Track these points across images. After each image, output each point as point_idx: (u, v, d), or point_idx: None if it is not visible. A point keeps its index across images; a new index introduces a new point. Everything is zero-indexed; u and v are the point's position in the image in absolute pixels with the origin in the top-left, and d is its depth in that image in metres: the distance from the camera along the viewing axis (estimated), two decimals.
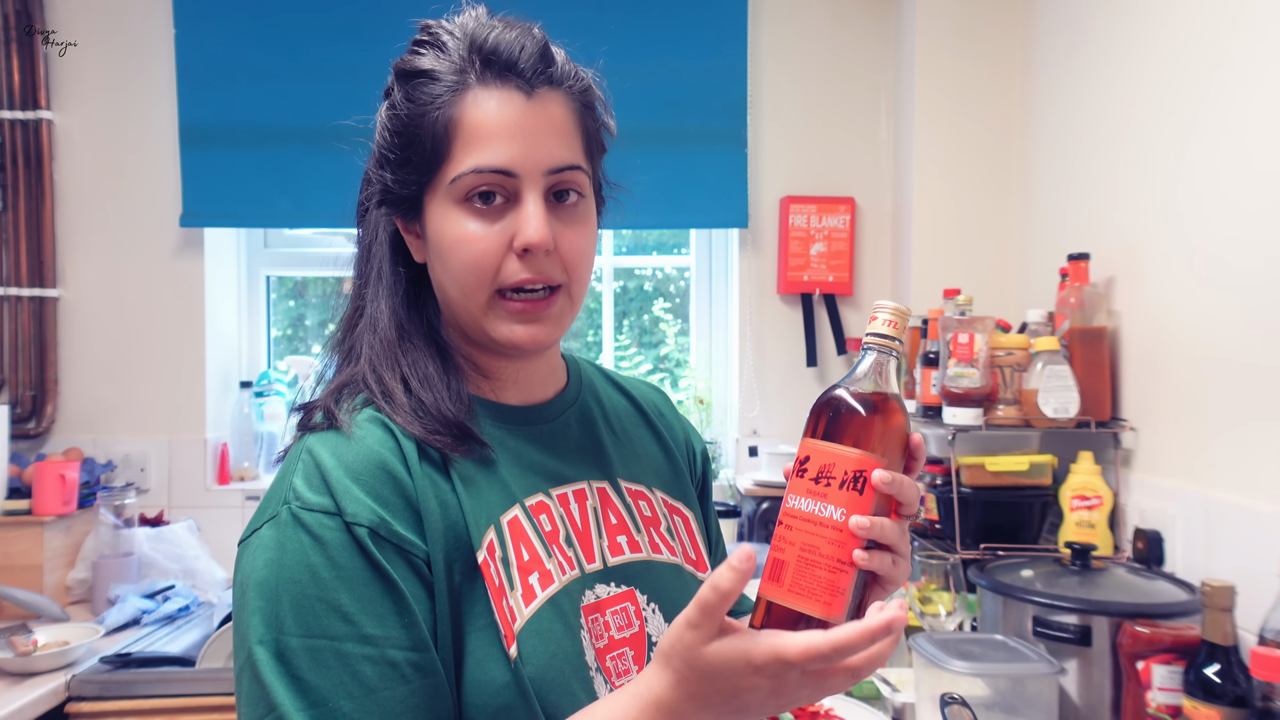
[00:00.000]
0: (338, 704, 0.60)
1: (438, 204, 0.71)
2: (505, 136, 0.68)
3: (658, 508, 0.82)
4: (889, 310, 0.63)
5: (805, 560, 0.60)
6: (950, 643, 1.31)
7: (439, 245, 0.71)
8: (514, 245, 0.69)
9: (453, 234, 0.70)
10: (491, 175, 0.68)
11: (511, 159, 0.68)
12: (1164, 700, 1.17)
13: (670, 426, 0.90)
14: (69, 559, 2.01)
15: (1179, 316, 1.48)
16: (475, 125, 0.68)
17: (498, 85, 0.69)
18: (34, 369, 2.22)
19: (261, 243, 2.48)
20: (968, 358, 1.63)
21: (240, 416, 2.38)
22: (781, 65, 2.33)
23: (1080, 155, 1.83)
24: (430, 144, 0.69)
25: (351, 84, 2.20)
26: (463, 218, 0.69)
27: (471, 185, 0.69)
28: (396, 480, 0.66)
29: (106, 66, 2.25)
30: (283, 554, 0.63)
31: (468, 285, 0.70)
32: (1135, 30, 1.63)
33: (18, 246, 2.21)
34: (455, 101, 0.69)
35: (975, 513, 1.66)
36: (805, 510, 0.61)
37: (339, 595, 0.61)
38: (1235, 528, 1.31)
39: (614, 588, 0.74)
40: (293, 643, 0.61)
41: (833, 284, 2.31)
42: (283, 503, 0.65)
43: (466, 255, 0.69)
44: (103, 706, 1.59)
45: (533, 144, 0.68)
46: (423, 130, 0.69)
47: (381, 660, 0.61)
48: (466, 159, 0.68)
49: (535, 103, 0.69)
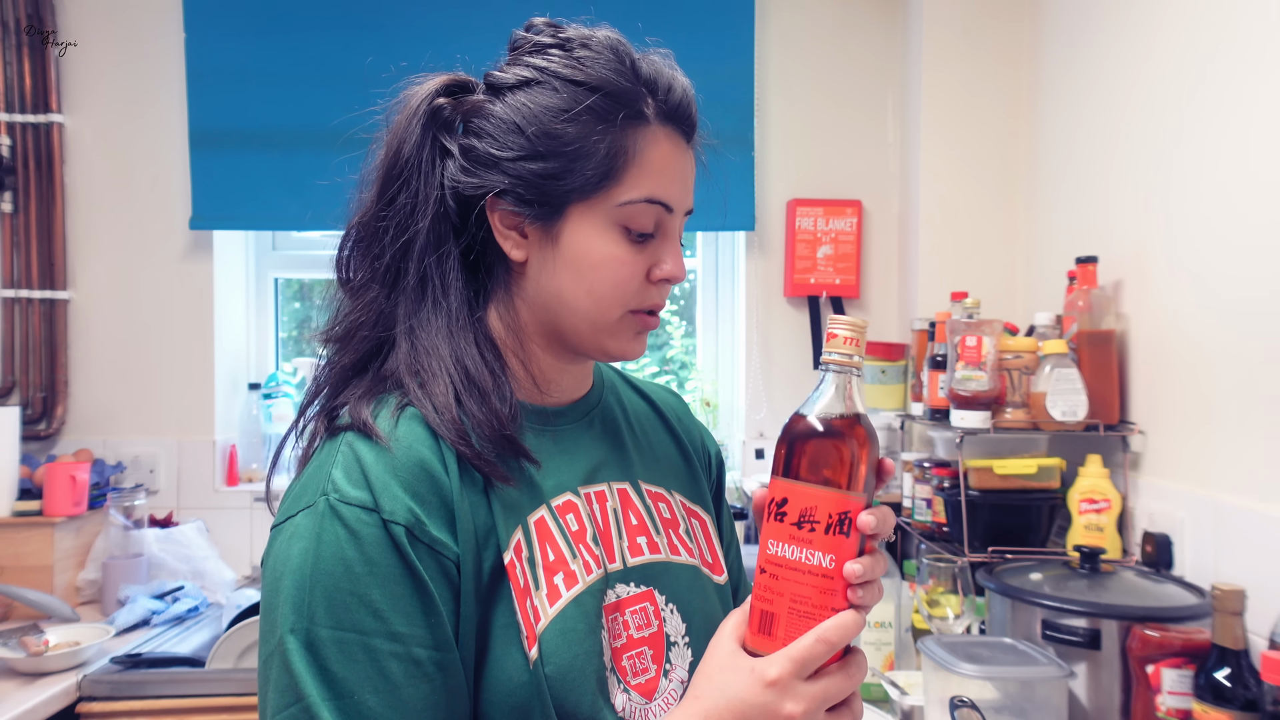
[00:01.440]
0: (363, 697, 0.61)
1: (591, 218, 0.72)
2: (677, 178, 0.75)
3: (676, 510, 0.83)
4: (846, 326, 0.62)
5: (797, 611, 0.59)
6: (959, 646, 1.31)
7: (582, 258, 0.72)
8: (653, 274, 0.75)
9: (604, 252, 0.73)
10: (658, 208, 0.74)
11: (674, 197, 0.75)
12: (1174, 704, 1.17)
13: (688, 431, 0.91)
14: (79, 560, 2.02)
15: (1187, 319, 1.48)
16: (653, 161, 0.73)
17: (673, 128, 0.76)
18: (45, 371, 2.23)
19: (270, 245, 2.49)
20: (975, 361, 1.63)
21: (248, 418, 2.39)
22: (788, 68, 2.33)
23: (1088, 158, 1.83)
24: (605, 160, 0.71)
25: (361, 87, 2.18)
26: (619, 239, 0.73)
27: (638, 213, 0.73)
28: (435, 479, 0.66)
29: (117, 70, 2.26)
30: (319, 545, 0.63)
31: (606, 302, 0.73)
32: (1143, 34, 1.63)
33: (29, 249, 2.22)
34: (636, 132, 0.73)
35: (983, 516, 1.66)
36: (791, 558, 0.59)
37: (371, 591, 0.62)
38: (1245, 531, 1.31)
39: (634, 587, 0.75)
40: (323, 634, 0.62)
41: (839, 287, 2.31)
42: (320, 493, 0.65)
43: (616, 276, 0.73)
44: (114, 706, 1.60)
45: (687, 188, 0.77)
46: (597, 146, 0.71)
47: (407, 658, 0.62)
48: (640, 187, 0.73)
49: (690, 151, 0.78)
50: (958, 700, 1.18)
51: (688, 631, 0.77)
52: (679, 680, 0.75)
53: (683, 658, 0.76)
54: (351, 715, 0.60)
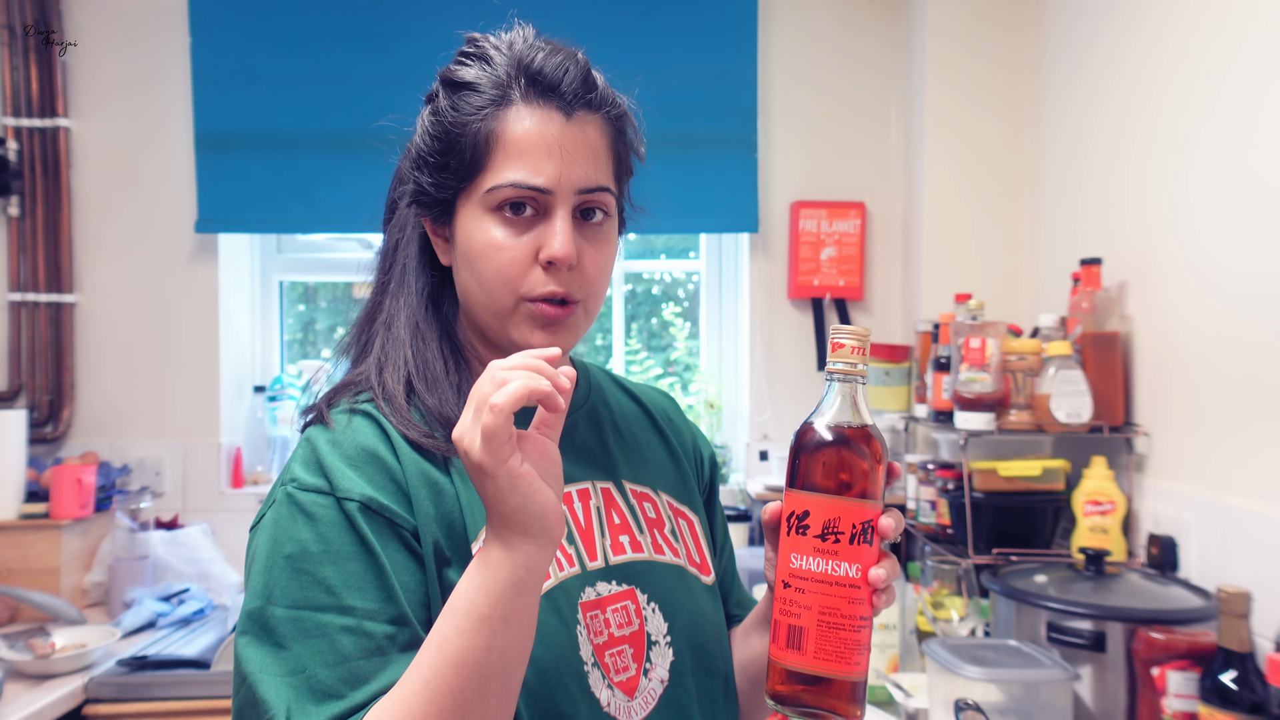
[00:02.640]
0: (314, 671, 0.63)
1: (470, 210, 0.74)
2: (543, 154, 0.71)
3: (662, 510, 0.83)
4: (850, 335, 0.62)
5: (827, 624, 0.59)
6: (963, 648, 1.31)
7: (468, 250, 0.74)
8: (539, 257, 0.73)
9: (482, 240, 0.73)
10: (527, 191, 0.72)
11: (547, 177, 0.71)
12: (1179, 707, 1.17)
13: (678, 431, 0.92)
14: (85, 562, 2.03)
15: (1192, 321, 1.47)
16: (516, 140, 0.72)
17: (540, 104, 0.72)
18: (51, 374, 2.24)
19: (275, 248, 2.49)
20: (980, 362, 1.63)
21: (254, 421, 2.39)
22: (792, 70, 2.33)
23: (1092, 159, 1.83)
24: (470, 152, 0.73)
25: (366, 91, 2.21)
26: (493, 225, 0.73)
27: (506, 197, 0.72)
28: (385, 466, 0.70)
29: (123, 74, 2.27)
30: (276, 531, 0.67)
31: (494, 290, 0.73)
32: (1147, 34, 1.63)
33: (35, 252, 2.23)
34: (498, 115, 0.72)
35: (988, 518, 1.66)
36: (817, 570, 0.60)
37: (324, 569, 0.65)
38: (1250, 533, 1.30)
39: (615, 586, 0.76)
40: (278, 612, 0.65)
41: (843, 289, 2.31)
42: (281, 485, 0.70)
43: (495, 262, 0.73)
44: (120, 709, 1.60)
45: (568, 163, 0.72)
46: (464, 138, 0.73)
47: (359, 631, 0.64)
48: (505, 172, 0.72)
49: (573, 124, 0.73)
50: (962, 703, 1.18)
51: (670, 631, 0.77)
52: (659, 680, 0.75)
53: (663, 657, 0.76)
54: (302, 689, 0.63)
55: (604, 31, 2.18)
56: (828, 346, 0.65)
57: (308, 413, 0.76)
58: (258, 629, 0.65)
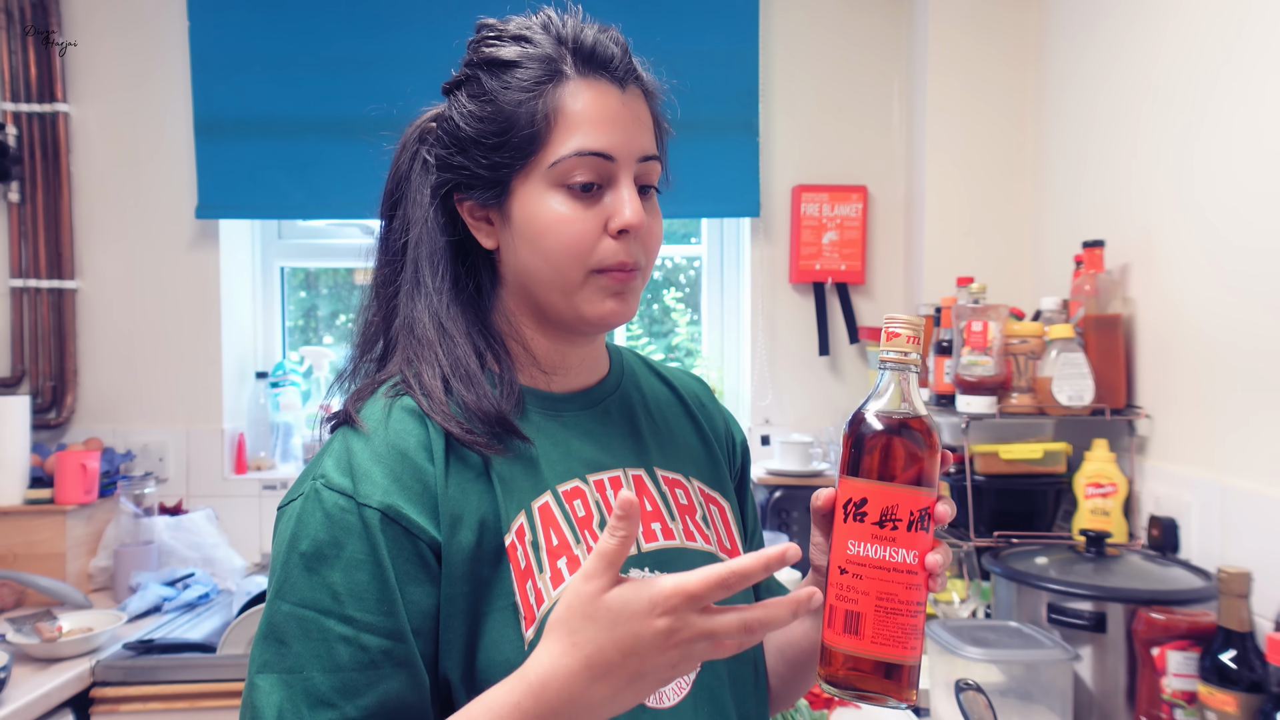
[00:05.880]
0: (311, 674, 0.64)
1: (531, 187, 0.73)
2: (606, 124, 0.72)
3: (694, 496, 0.83)
4: (904, 325, 0.64)
5: (884, 609, 0.60)
6: (965, 629, 1.32)
7: (531, 227, 0.73)
8: (609, 227, 0.73)
9: (549, 215, 0.72)
10: (593, 158, 0.72)
11: (612, 144, 0.72)
12: (1179, 686, 1.18)
13: (711, 417, 0.91)
14: (91, 547, 2.04)
15: (1194, 303, 1.47)
16: (576, 114, 0.72)
17: (595, 78, 0.73)
18: (54, 360, 2.24)
19: (276, 234, 2.49)
20: (981, 346, 1.63)
21: (256, 407, 2.40)
22: (793, 52, 2.32)
23: (1095, 141, 1.82)
24: (529, 128, 0.72)
25: (365, 75, 2.20)
26: (561, 199, 0.72)
27: (572, 168, 0.72)
28: (416, 467, 0.69)
29: (122, 59, 2.26)
30: (299, 526, 0.68)
31: (564, 264, 0.73)
32: (1149, 16, 1.62)
33: (36, 238, 2.23)
34: (555, 91, 0.72)
35: (989, 500, 1.66)
36: (875, 557, 0.61)
37: (333, 573, 0.66)
38: (1251, 514, 1.31)
39: (646, 573, 0.75)
40: (286, 608, 0.66)
41: (845, 273, 2.31)
42: (312, 479, 0.70)
43: (566, 235, 0.72)
44: (127, 691, 1.62)
45: (627, 132, 0.73)
46: (519, 116, 0.72)
47: (356, 643, 0.65)
48: (568, 143, 0.71)
49: (628, 96, 0.74)
50: (963, 683, 1.19)
51: None
52: None
53: None
54: (297, 689, 0.64)
55: (603, 12, 2.16)
56: (881, 335, 0.65)
57: (341, 409, 0.75)
58: (266, 622, 0.67)
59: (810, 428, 2.28)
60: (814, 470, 2.08)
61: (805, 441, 2.11)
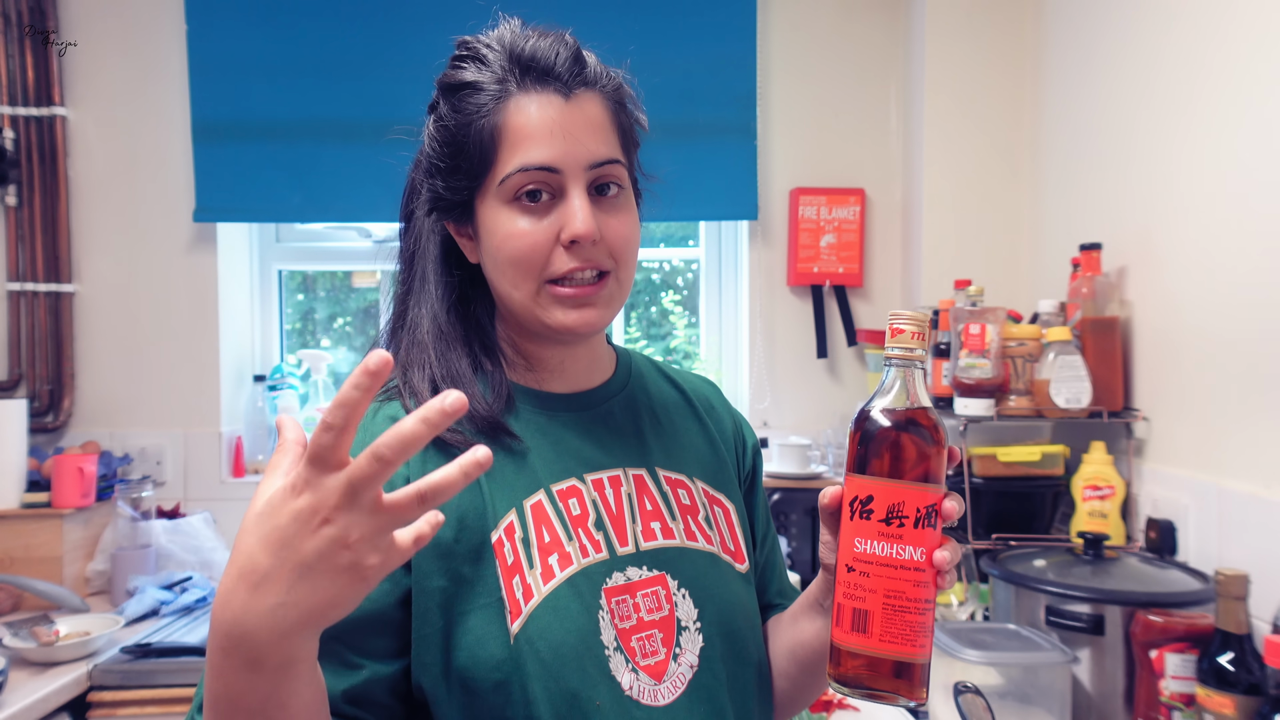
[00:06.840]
0: None
1: (488, 205, 0.75)
2: (547, 136, 0.72)
3: (697, 497, 0.83)
4: (909, 321, 0.63)
5: (892, 607, 0.60)
6: (963, 632, 1.32)
7: (491, 243, 0.76)
8: (561, 238, 0.74)
9: (503, 231, 0.74)
10: (537, 173, 0.72)
11: (554, 156, 0.72)
12: (1177, 689, 1.18)
13: (719, 419, 0.92)
14: (88, 551, 2.03)
15: (1191, 306, 1.48)
16: (519, 129, 0.73)
17: (537, 90, 0.73)
18: (51, 363, 2.24)
19: (273, 237, 2.49)
20: (979, 348, 1.63)
21: (254, 410, 2.39)
22: (791, 56, 2.32)
23: (1092, 144, 1.82)
24: (478, 150, 0.74)
25: (363, 79, 2.20)
26: (512, 215, 0.74)
27: (519, 184, 0.73)
28: None
29: (120, 63, 2.26)
30: None
31: (517, 277, 0.75)
32: (1147, 18, 1.62)
33: (34, 242, 2.22)
34: (499, 109, 0.73)
35: (987, 503, 1.66)
36: (882, 554, 0.60)
37: None
38: (1248, 517, 1.31)
39: (645, 571, 0.76)
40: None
41: (843, 275, 2.31)
42: None
43: (516, 249, 0.74)
44: (124, 695, 1.61)
45: (573, 142, 0.73)
46: (469, 138, 0.74)
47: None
48: (513, 160, 0.73)
49: (573, 104, 0.74)
50: (962, 686, 1.19)
51: (700, 617, 0.78)
52: (688, 664, 0.76)
53: (693, 642, 0.77)
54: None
55: (602, 19, 2.17)
56: (886, 331, 0.65)
57: None
58: None
59: (808, 430, 2.28)
60: (812, 473, 2.08)
61: (803, 444, 2.11)
